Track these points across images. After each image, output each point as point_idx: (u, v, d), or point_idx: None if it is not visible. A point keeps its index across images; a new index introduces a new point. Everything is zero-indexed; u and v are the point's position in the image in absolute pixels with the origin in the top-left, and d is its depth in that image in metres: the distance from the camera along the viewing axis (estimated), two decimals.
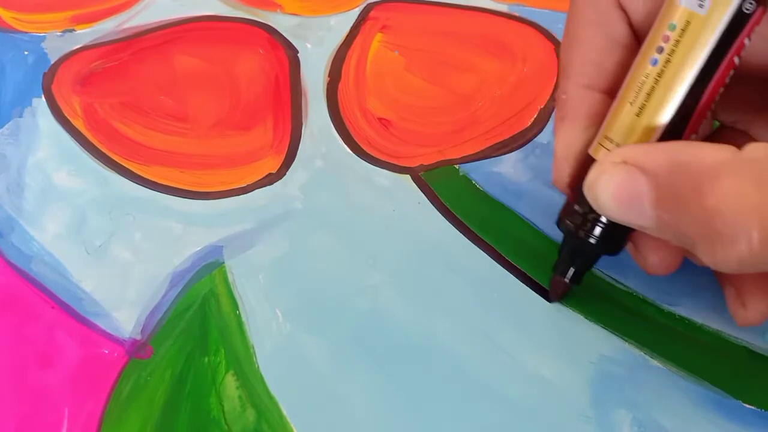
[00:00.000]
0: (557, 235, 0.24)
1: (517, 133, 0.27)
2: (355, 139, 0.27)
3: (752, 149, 0.16)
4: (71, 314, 0.22)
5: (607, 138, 0.19)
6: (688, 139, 0.19)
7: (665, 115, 0.18)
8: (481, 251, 0.24)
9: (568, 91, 0.21)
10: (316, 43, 0.29)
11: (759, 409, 0.21)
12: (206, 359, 0.21)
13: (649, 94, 0.18)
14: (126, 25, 0.30)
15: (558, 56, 0.22)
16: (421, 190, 0.25)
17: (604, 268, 0.23)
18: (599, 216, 0.20)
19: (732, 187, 0.16)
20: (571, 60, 0.21)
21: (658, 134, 0.18)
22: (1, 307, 0.22)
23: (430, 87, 0.28)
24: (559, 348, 0.22)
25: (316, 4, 0.31)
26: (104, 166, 0.25)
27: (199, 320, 0.22)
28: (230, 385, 0.21)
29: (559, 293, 0.22)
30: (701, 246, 0.17)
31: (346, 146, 0.26)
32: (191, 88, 0.28)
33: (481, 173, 0.26)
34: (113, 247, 0.23)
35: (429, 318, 0.22)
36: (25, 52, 0.28)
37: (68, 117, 0.27)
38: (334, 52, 0.29)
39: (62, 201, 0.24)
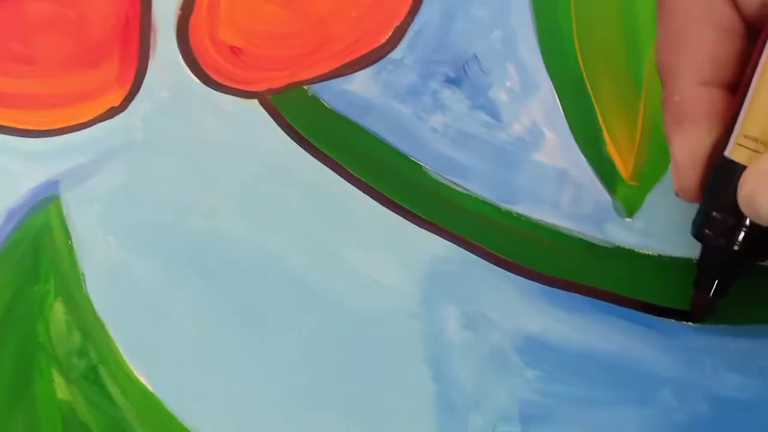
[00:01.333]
0: (404, 146, 0.24)
1: (370, 50, 0.27)
2: (204, 69, 0.26)
3: None
4: None
5: (746, 137, 0.18)
6: None
7: None
8: (325, 167, 0.24)
9: (682, 92, 0.19)
10: None
11: (587, 297, 0.21)
12: (35, 288, 0.21)
13: None
14: None
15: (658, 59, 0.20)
16: (269, 113, 0.25)
17: (444, 173, 0.23)
18: (743, 220, 0.18)
19: None
20: (679, 59, 0.19)
21: None
22: None
23: (285, 13, 0.28)
24: (393, 252, 0.22)
25: None
26: None
27: (31, 252, 0.22)
28: (58, 310, 0.21)
29: (705, 311, 0.21)
30: None
31: (193, 76, 0.26)
32: (41, 32, 0.27)
33: (331, 92, 0.25)
34: None
35: (266, 233, 0.22)
36: None
37: None
38: None
39: None
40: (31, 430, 0.19)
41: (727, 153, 0.18)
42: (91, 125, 0.25)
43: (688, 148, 0.19)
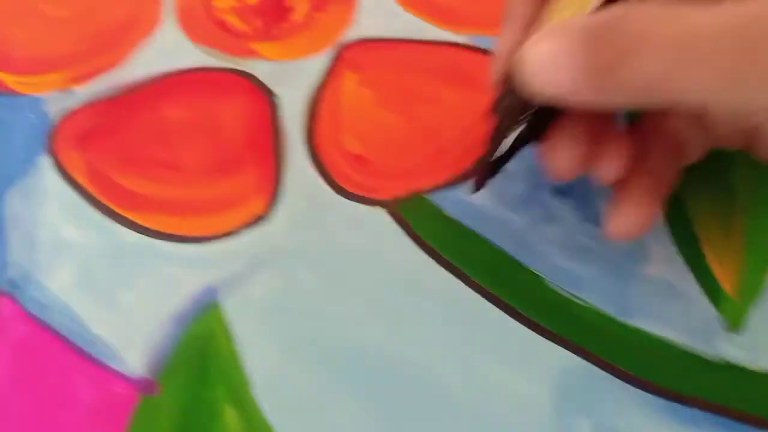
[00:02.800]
0: (521, 257, 0.26)
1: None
2: (334, 178, 0.29)
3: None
4: (85, 357, 0.24)
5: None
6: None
7: None
8: (452, 276, 0.26)
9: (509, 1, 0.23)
10: (294, 86, 0.32)
11: (708, 413, 0.23)
12: (208, 394, 0.24)
13: None
14: (117, 80, 0.32)
15: None
16: (396, 223, 0.28)
17: (562, 283, 0.26)
18: (527, 104, 0.21)
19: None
20: None
21: (593, 7, 0.19)
22: (22, 354, 0.25)
23: (400, 120, 0.30)
24: (522, 362, 0.24)
25: (292, 48, 0.33)
26: (107, 217, 0.28)
27: (200, 358, 0.24)
28: (230, 415, 0.23)
29: (482, 178, 0.26)
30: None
31: (325, 184, 0.29)
32: (180, 138, 0.30)
33: (450, 201, 0.28)
34: (119, 294, 0.26)
35: (409, 345, 0.25)
36: (31, 115, 0.31)
37: (71, 174, 0.29)
38: (311, 94, 0.31)
39: (71, 253, 0.27)
40: None
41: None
42: (240, 232, 0.27)
43: (503, 44, 0.23)
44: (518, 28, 0.23)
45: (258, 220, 0.28)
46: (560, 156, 0.23)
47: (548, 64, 0.18)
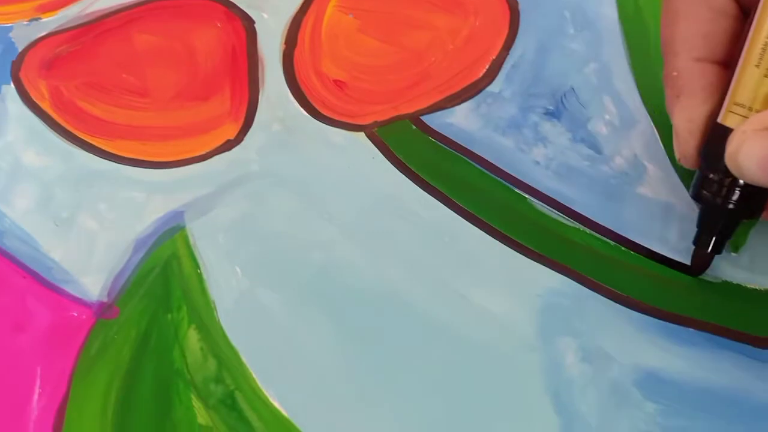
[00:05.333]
0: (508, 179, 0.25)
1: (468, 84, 0.28)
2: (311, 102, 0.27)
3: None
4: (42, 282, 0.23)
5: (736, 104, 0.20)
6: None
7: None
8: (434, 199, 0.25)
9: (679, 68, 0.21)
10: (273, 12, 0.30)
11: (701, 332, 0.21)
12: (169, 316, 0.22)
13: None
14: (89, 10, 0.31)
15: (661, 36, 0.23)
16: (375, 146, 0.26)
17: (552, 205, 0.24)
18: (736, 180, 0.20)
19: None
20: (675, 36, 0.21)
21: None
22: None
23: (384, 46, 0.29)
24: (507, 284, 0.23)
25: None
26: (70, 143, 0.26)
27: (162, 281, 0.23)
28: (192, 338, 0.22)
29: (703, 266, 0.22)
30: None
31: (302, 109, 0.27)
32: (151, 65, 0.29)
33: (434, 125, 0.26)
34: (80, 218, 0.24)
35: (383, 266, 0.23)
36: None
37: (36, 101, 0.28)
38: (290, 20, 0.30)
39: (31, 179, 0.25)
40: None
41: (720, 120, 0.20)
42: (210, 157, 0.26)
43: (686, 118, 0.21)
44: (700, 100, 0.21)
45: (229, 144, 0.26)
46: None
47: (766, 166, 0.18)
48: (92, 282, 0.23)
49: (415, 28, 0.29)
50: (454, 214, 0.24)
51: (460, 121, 0.26)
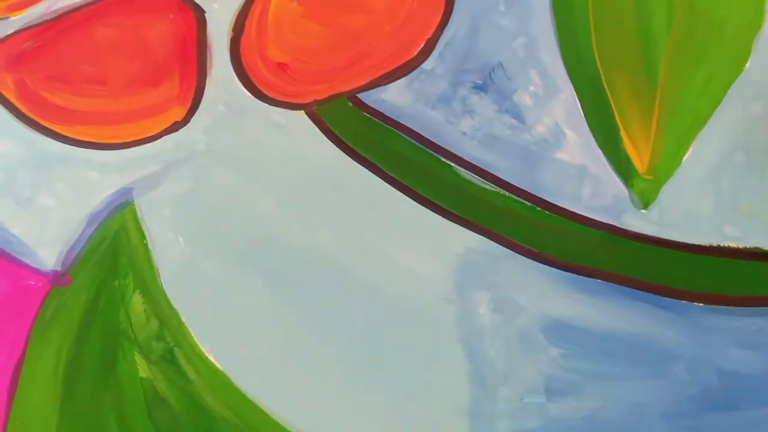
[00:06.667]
0: (436, 149, 0.26)
1: (404, 62, 0.29)
2: (256, 84, 0.29)
3: None
4: (2, 255, 0.25)
5: None
6: None
7: None
8: (365, 169, 0.26)
9: None
10: (222, 2, 0.32)
11: (612, 283, 0.23)
12: (116, 282, 0.24)
13: None
14: (54, 7, 0.33)
15: None
16: (314, 123, 0.28)
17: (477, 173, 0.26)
18: None
19: None
20: None
21: None
22: None
23: (325, 30, 0.30)
24: (429, 245, 0.24)
25: None
26: (33, 130, 0.28)
27: (111, 251, 0.25)
28: (137, 301, 0.24)
29: None
30: None
31: (246, 91, 0.29)
32: (109, 56, 0.31)
33: (369, 101, 0.28)
34: (39, 198, 0.26)
35: (314, 231, 0.25)
36: None
37: (2, 93, 0.30)
38: (239, 9, 0.32)
39: None
40: (118, 405, 0.22)
41: None
42: (158, 138, 0.28)
43: None
44: None
45: (176, 126, 0.28)
46: None
47: None
48: (48, 254, 0.25)
49: (354, 11, 0.31)
50: (383, 183, 0.26)
51: (393, 97, 0.28)
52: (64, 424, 0.21)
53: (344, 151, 0.27)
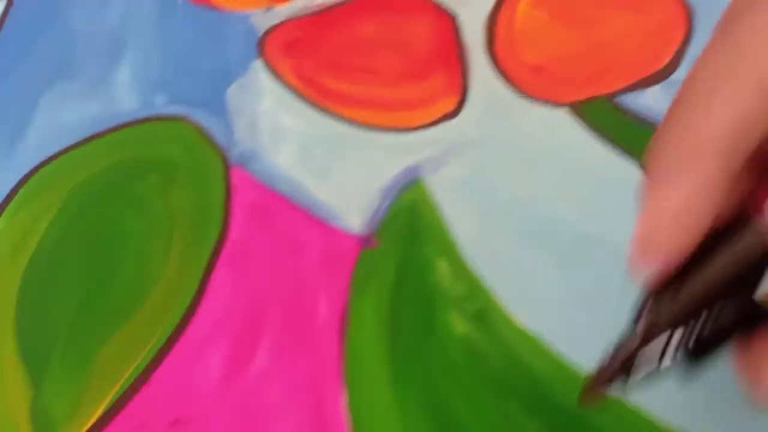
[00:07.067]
0: None
1: (653, 72, 0.32)
2: (515, 84, 0.32)
3: None
4: (312, 216, 0.28)
5: None
6: None
7: None
8: (631, 165, 0.29)
9: None
10: (472, 9, 0.35)
11: None
12: (421, 248, 0.27)
13: None
14: (315, 2, 0.36)
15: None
16: (578, 119, 0.30)
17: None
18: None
19: None
20: None
21: None
22: (255, 213, 0.29)
23: (573, 36, 0.33)
24: None
25: None
26: (316, 110, 0.32)
27: (410, 221, 0.28)
28: (442, 267, 0.26)
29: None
30: None
31: (507, 90, 0.32)
32: (374, 50, 0.34)
33: (628, 104, 0.31)
34: (333, 171, 0.30)
35: (596, 221, 0.27)
36: (239, 27, 0.35)
37: (281, 75, 0.33)
38: (487, 16, 0.35)
39: (290, 136, 0.31)
40: (442, 358, 0.25)
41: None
42: (433, 126, 0.31)
43: (668, 207, 0.16)
44: (694, 188, 0.16)
45: (448, 116, 0.31)
46: None
47: None
48: (354, 221, 0.28)
49: (599, 22, 0.34)
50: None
51: (650, 103, 0.31)
52: (396, 360, 0.24)
53: (607, 146, 0.29)
